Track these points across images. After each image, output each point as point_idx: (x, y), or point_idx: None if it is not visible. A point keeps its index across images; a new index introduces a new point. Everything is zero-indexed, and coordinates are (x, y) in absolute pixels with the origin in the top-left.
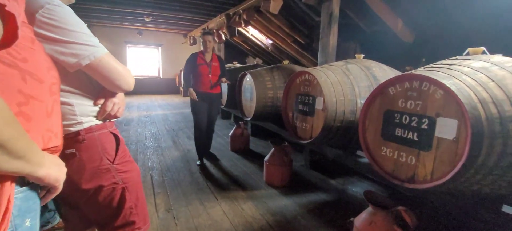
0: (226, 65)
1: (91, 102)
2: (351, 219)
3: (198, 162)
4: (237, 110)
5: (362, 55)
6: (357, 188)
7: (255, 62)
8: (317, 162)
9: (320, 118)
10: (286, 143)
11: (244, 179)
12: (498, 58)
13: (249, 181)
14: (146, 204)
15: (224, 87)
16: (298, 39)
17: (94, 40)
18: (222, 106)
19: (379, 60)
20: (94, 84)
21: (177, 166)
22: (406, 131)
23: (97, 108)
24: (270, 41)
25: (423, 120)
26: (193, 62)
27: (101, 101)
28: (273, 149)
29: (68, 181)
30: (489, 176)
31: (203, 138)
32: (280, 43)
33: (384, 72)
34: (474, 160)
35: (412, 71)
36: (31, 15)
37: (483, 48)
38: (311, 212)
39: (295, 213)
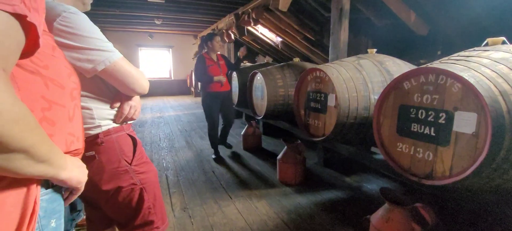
0: None
1: (108, 106)
2: (367, 216)
3: (214, 156)
4: (248, 110)
5: (375, 49)
6: (372, 185)
7: (265, 61)
8: (331, 159)
9: (332, 115)
10: (299, 141)
11: (257, 178)
12: None
13: (262, 180)
14: (163, 203)
15: (235, 86)
16: (308, 36)
17: (109, 45)
18: (233, 106)
19: (391, 54)
20: (110, 89)
21: (191, 166)
22: (423, 126)
23: (114, 112)
24: (280, 39)
25: (441, 114)
26: (204, 64)
27: (117, 104)
28: (286, 147)
29: (89, 183)
30: (511, 171)
31: (216, 134)
32: (290, 40)
33: (398, 67)
34: (495, 154)
35: (427, 64)
36: (49, 23)
37: (503, 38)
38: (326, 210)
39: (309, 211)
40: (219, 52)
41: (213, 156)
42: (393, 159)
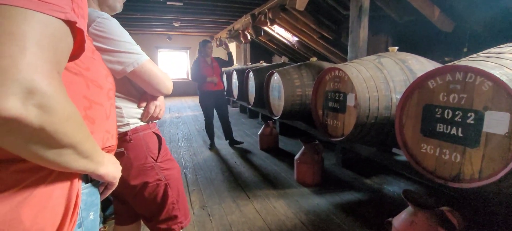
0: (253, 65)
1: (135, 105)
2: (389, 219)
3: (209, 147)
4: (265, 110)
5: (396, 48)
6: (393, 187)
7: (282, 61)
8: (350, 160)
9: (352, 114)
10: (317, 141)
11: (274, 178)
12: None
13: (279, 180)
14: (186, 200)
15: (251, 86)
16: (326, 35)
17: (137, 48)
18: (249, 106)
19: (414, 52)
20: (137, 89)
21: (208, 165)
22: (449, 127)
23: (141, 111)
24: (296, 39)
25: (469, 114)
26: (199, 66)
27: (144, 104)
28: (303, 147)
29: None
30: None
31: (211, 126)
32: (306, 40)
33: (422, 65)
34: None
35: (454, 62)
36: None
37: None
38: (345, 211)
39: (328, 212)
40: (213, 56)
41: (209, 147)
42: (416, 160)
